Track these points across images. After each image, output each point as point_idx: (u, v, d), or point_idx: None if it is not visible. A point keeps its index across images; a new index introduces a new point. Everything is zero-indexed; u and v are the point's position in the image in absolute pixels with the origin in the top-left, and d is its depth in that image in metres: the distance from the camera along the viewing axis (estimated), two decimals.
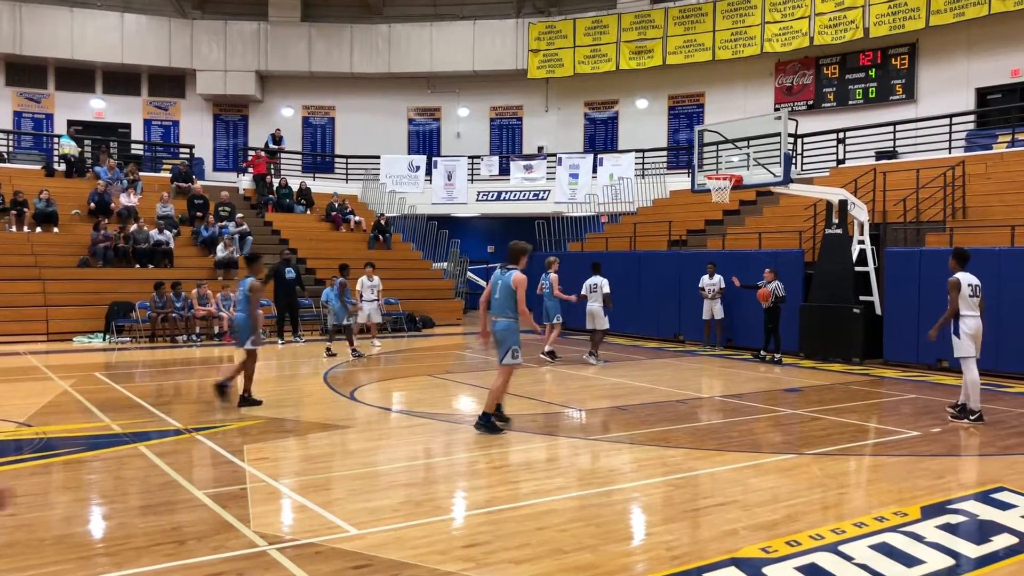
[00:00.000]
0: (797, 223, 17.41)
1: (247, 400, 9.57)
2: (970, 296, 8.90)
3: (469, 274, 26.95)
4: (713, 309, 16.44)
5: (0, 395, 10.47)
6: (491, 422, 8.18)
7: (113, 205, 21.24)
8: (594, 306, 14.35)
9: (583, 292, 14.48)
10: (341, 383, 11.65)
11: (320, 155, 29.52)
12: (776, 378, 12.81)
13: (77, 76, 28.03)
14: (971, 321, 8.88)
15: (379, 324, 17.11)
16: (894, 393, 11.30)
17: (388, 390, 11.38)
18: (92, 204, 20.97)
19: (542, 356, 14.30)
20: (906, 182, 16.34)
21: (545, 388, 11.56)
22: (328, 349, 15.12)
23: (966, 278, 8.95)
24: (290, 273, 17.64)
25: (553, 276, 14.36)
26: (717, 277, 16.34)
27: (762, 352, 14.86)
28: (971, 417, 8.89)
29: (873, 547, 4.88)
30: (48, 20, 26.57)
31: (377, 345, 16.72)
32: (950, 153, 19.17)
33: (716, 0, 25.17)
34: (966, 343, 8.87)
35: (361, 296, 16.20)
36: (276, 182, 25.44)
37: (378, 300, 16.74)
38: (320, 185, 26.81)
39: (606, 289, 14.40)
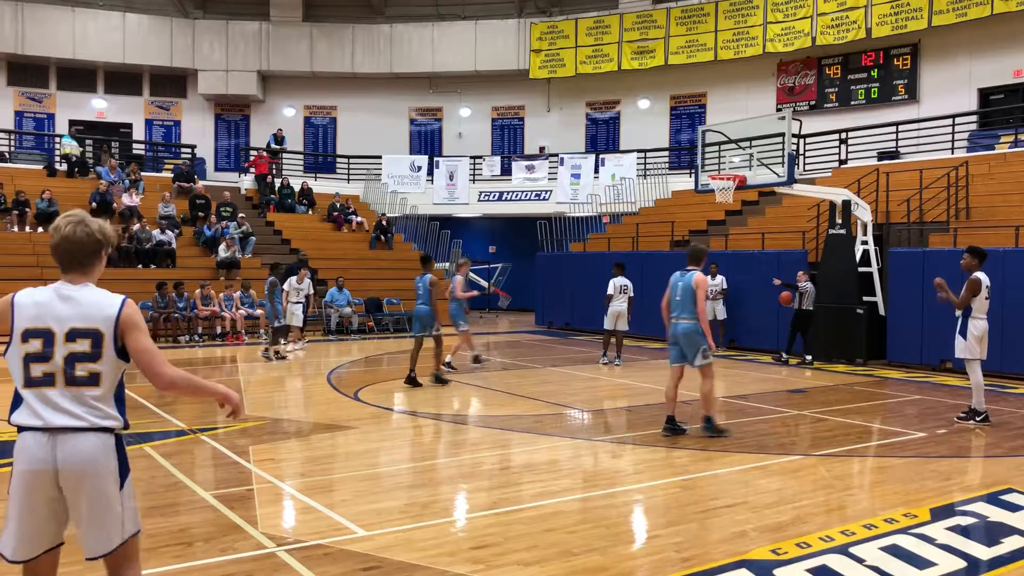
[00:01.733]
0: (800, 223, 17.39)
1: (439, 377, 11.58)
2: (985, 298, 8.80)
3: (471, 274, 26.90)
4: (715, 310, 16.40)
5: (3, 395, 10.44)
6: (714, 425, 8.11)
7: (115, 205, 21.21)
8: (621, 307, 14.06)
9: (610, 292, 14.03)
10: (344, 383, 11.63)
11: (322, 155, 29.51)
12: (781, 379, 12.79)
13: (79, 76, 28.01)
14: (980, 323, 8.80)
15: (300, 328, 15.98)
16: (898, 394, 11.28)
17: (391, 390, 11.35)
18: (93, 204, 20.93)
19: (442, 368, 12.23)
20: (909, 182, 16.33)
21: (550, 389, 11.54)
22: (266, 350, 14.52)
23: (985, 279, 8.82)
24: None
25: (459, 278, 13.11)
26: (719, 278, 16.31)
27: (783, 355, 14.60)
28: (977, 419, 8.86)
29: (884, 549, 4.86)
30: (50, 20, 26.56)
31: (296, 348, 15.79)
32: (953, 153, 19.16)
33: (718, 0, 25.15)
34: (972, 345, 8.80)
35: (287, 297, 15.43)
36: (278, 182, 25.43)
37: (303, 303, 15.84)
38: (322, 185, 26.80)
39: (632, 292, 14.24)
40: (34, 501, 2.86)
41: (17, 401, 2.92)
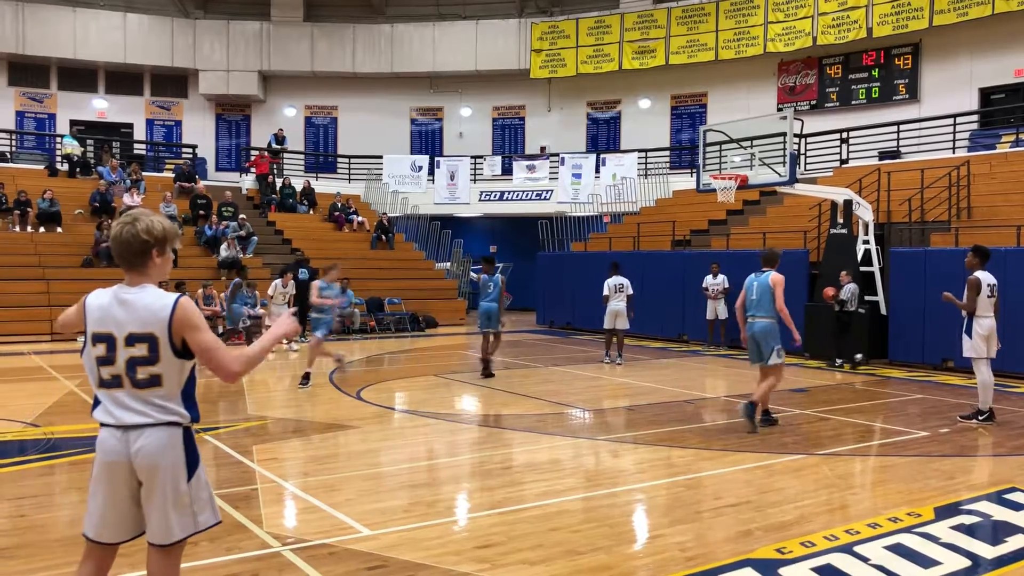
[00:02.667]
0: (801, 223, 17.40)
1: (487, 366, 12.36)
2: (988, 297, 8.80)
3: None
4: (717, 309, 16.43)
5: (6, 395, 10.47)
6: (771, 416, 8.44)
7: (115, 205, 21.22)
8: (619, 306, 14.07)
9: (605, 293, 14.14)
10: (347, 383, 11.63)
11: (322, 155, 29.51)
12: (784, 378, 12.76)
13: (79, 76, 28.01)
14: (986, 322, 8.79)
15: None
16: (900, 393, 11.28)
17: (394, 390, 11.36)
18: (96, 204, 20.96)
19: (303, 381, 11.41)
20: (910, 182, 16.33)
21: (552, 388, 11.54)
22: None
23: (986, 277, 8.83)
24: (303, 273, 17.64)
25: (316, 283, 11.91)
26: (721, 277, 16.32)
27: (838, 360, 13.97)
28: (980, 417, 8.86)
29: (888, 548, 4.86)
30: (50, 20, 26.56)
31: (295, 349, 15.69)
32: (954, 153, 19.16)
33: (719, 0, 25.15)
34: (979, 344, 8.79)
35: (272, 300, 15.37)
36: (279, 182, 25.43)
37: (289, 306, 15.58)
38: (323, 185, 26.81)
39: (631, 290, 14.27)
40: (116, 490, 3.05)
41: (97, 400, 3.10)
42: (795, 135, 14.95)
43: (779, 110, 23.70)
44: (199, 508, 3.08)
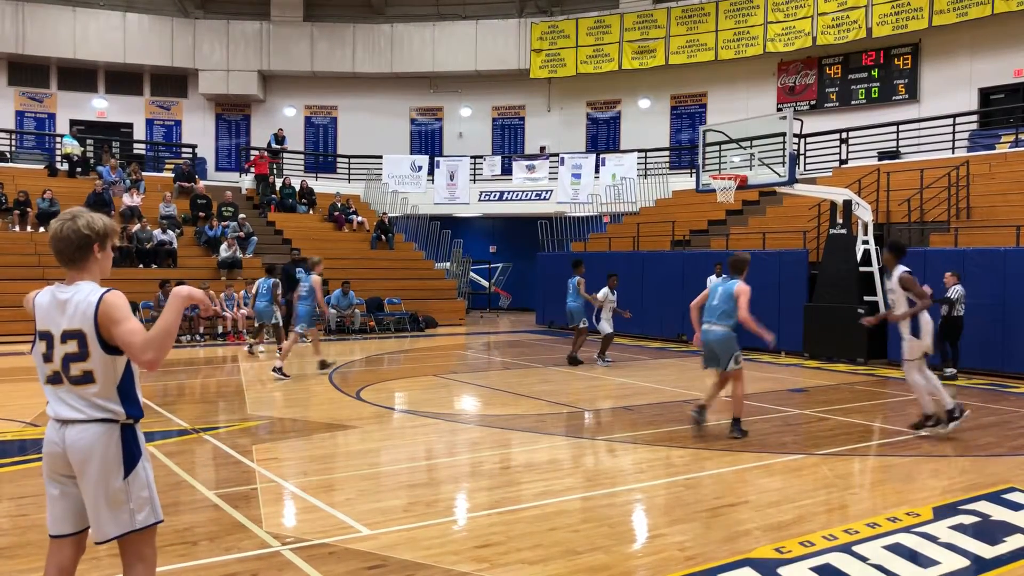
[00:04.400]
0: (801, 223, 17.40)
1: (573, 360, 13.78)
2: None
3: (472, 274, 26.95)
4: None
5: (6, 395, 10.47)
6: (740, 426, 8.15)
7: (115, 205, 21.21)
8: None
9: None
10: (347, 383, 11.64)
11: (322, 155, 29.51)
12: (782, 378, 12.80)
13: (79, 76, 28.02)
14: (928, 317, 8.27)
15: (275, 326, 15.37)
16: (899, 393, 11.28)
17: (393, 390, 11.37)
18: (91, 204, 20.90)
19: None
20: (910, 182, 16.34)
21: (551, 389, 11.55)
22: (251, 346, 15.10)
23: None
24: (300, 273, 17.59)
25: (317, 279, 12.60)
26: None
27: (948, 370, 12.50)
28: (955, 418, 8.13)
29: (887, 547, 4.87)
30: (50, 20, 26.56)
31: (262, 351, 15.48)
32: (953, 153, 19.17)
33: (719, 0, 25.16)
34: (927, 341, 8.26)
35: (255, 298, 15.17)
36: (279, 182, 25.43)
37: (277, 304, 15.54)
38: (322, 185, 26.82)
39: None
40: (57, 481, 3.08)
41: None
42: (795, 135, 14.98)
43: (779, 110, 23.72)
44: (137, 506, 3.05)
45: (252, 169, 25.90)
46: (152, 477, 3.15)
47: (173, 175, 24.63)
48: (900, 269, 8.20)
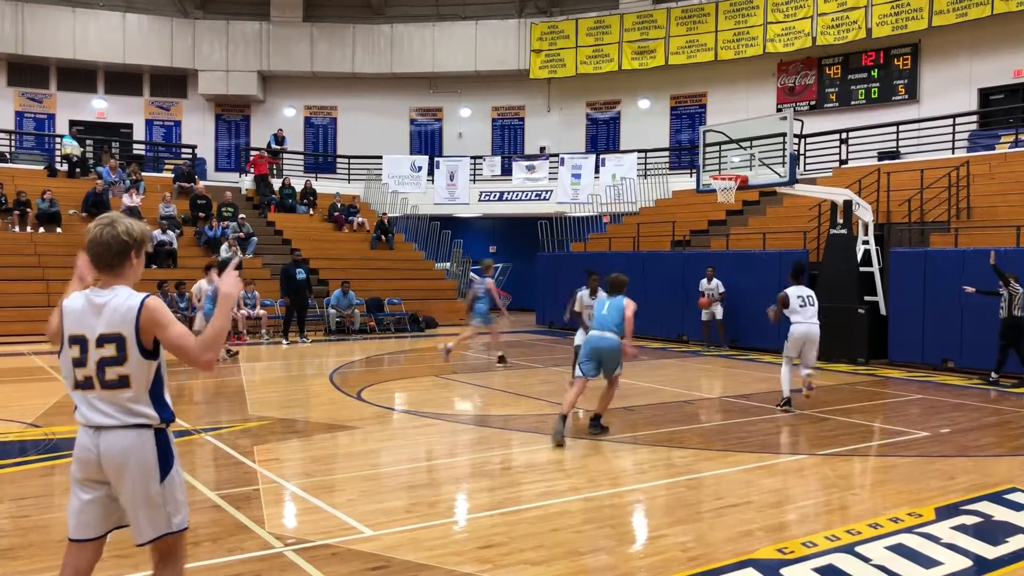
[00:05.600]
0: (801, 223, 17.41)
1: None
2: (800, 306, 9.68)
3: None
4: (714, 310, 16.47)
5: (7, 396, 10.46)
6: (602, 423, 8.42)
7: (114, 205, 21.19)
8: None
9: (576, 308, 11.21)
10: (347, 384, 11.64)
11: (322, 155, 29.51)
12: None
13: (79, 76, 28.01)
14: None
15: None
16: (900, 393, 11.29)
17: (394, 390, 11.37)
18: (90, 204, 20.90)
19: None
20: (910, 182, 16.35)
21: (552, 389, 11.54)
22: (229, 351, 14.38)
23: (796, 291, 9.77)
24: (300, 274, 17.64)
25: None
26: (715, 281, 16.35)
27: (993, 374, 11.87)
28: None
29: (890, 548, 4.87)
30: (50, 20, 26.55)
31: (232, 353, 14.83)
32: (953, 153, 19.18)
33: (718, 0, 25.17)
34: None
35: (200, 301, 14.79)
36: (278, 182, 25.43)
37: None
38: (322, 185, 26.80)
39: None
40: (84, 486, 3.09)
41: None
42: (795, 135, 14.97)
43: (779, 110, 23.73)
44: (173, 509, 3.10)
45: (252, 170, 25.89)
46: (183, 480, 3.21)
47: (173, 175, 24.63)
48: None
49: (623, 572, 4.54)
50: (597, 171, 26.00)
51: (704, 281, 16.47)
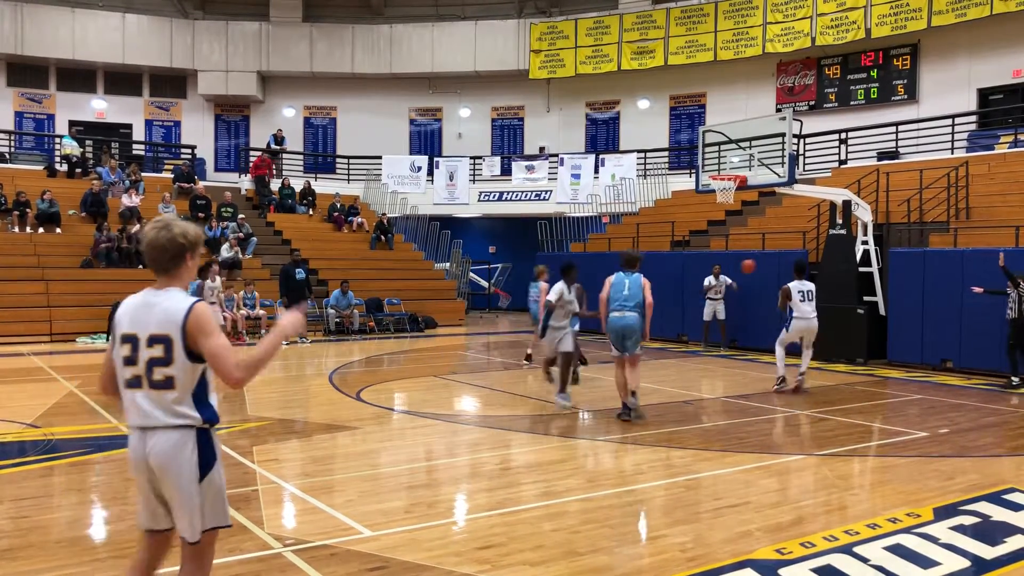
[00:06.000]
0: (800, 223, 17.41)
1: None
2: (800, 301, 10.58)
3: (471, 275, 26.94)
4: (716, 309, 16.47)
5: (6, 396, 10.47)
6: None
7: (113, 206, 21.19)
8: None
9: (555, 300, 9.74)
10: (346, 384, 11.64)
11: (322, 155, 29.51)
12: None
13: (78, 76, 28.00)
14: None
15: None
16: (899, 394, 11.30)
17: (393, 391, 11.37)
18: (88, 204, 20.89)
19: None
20: (909, 182, 16.35)
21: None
22: None
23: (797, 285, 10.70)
24: (300, 274, 17.65)
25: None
26: (723, 278, 16.34)
27: (1014, 379, 11.38)
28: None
29: (888, 548, 4.88)
30: (49, 20, 26.54)
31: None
32: (952, 154, 19.18)
33: (718, 1, 25.17)
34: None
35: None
36: (278, 183, 25.42)
37: (218, 303, 15.70)
38: (322, 186, 26.77)
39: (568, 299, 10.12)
40: (141, 485, 3.22)
41: None
42: (794, 136, 14.99)
43: (778, 110, 23.73)
44: (210, 509, 3.19)
45: (264, 174, 25.77)
46: (224, 481, 3.27)
47: (172, 176, 24.60)
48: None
49: (622, 572, 4.54)
50: (596, 171, 26.00)
51: (711, 278, 16.48)
